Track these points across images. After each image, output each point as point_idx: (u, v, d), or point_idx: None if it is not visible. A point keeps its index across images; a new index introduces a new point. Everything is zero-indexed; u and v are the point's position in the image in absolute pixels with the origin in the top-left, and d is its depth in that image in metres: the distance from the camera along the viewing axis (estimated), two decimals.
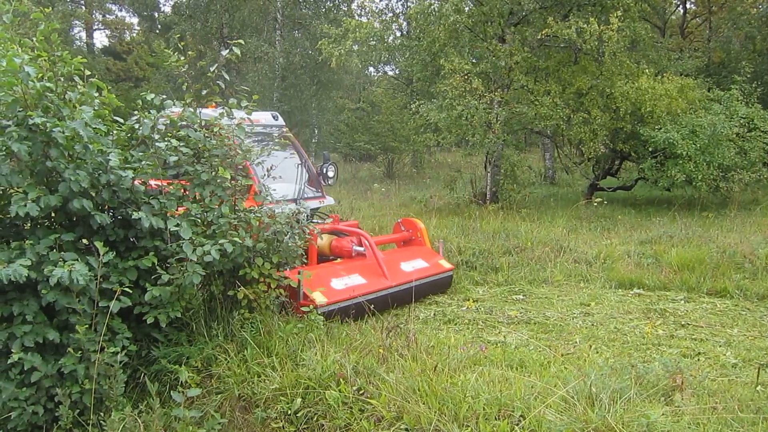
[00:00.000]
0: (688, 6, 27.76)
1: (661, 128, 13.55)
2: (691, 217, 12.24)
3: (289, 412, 4.19)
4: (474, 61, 14.56)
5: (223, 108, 5.26)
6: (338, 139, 27.80)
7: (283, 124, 8.62)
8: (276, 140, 8.17)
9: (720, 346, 5.71)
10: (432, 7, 14.60)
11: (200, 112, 6.55)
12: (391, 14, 19.22)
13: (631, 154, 15.62)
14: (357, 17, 20.66)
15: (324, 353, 4.61)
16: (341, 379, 4.24)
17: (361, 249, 7.41)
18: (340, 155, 29.39)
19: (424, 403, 3.93)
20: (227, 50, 5.15)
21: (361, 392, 4.14)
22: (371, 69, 21.46)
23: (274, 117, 8.49)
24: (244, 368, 4.64)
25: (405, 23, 18.14)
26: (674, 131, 13.31)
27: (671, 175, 13.39)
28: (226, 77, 5.03)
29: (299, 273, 5.96)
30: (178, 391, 4.08)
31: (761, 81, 18.12)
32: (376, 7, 19.45)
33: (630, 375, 4.36)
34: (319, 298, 6.14)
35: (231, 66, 25.06)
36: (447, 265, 8.03)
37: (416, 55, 15.84)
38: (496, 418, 3.82)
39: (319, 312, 5.62)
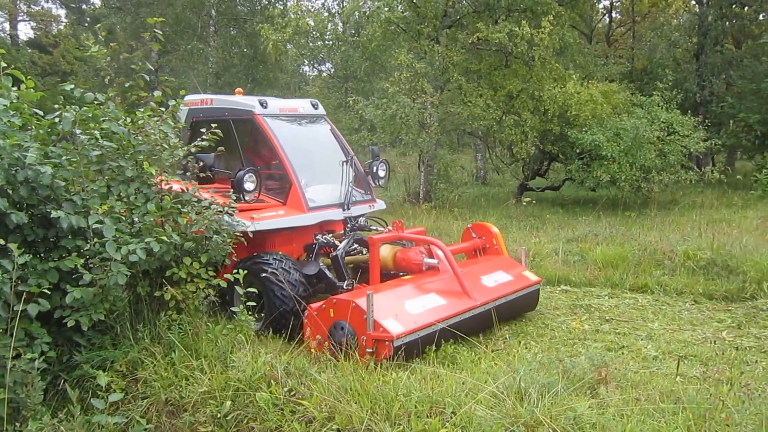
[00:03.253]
0: (613, 15, 28.93)
1: (587, 131, 14.06)
2: (614, 217, 12.75)
3: (219, 415, 4.08)
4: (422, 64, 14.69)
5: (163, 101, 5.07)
6: None
7: (324, 113, 7.53)
8: (316, 131, 7.33)
9: (642, 339, 5.95)
10: (365, 5, 14.68)
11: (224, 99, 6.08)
12: (327, 13, 19.09)
13: (559, 155, 16.15)
14: (293, 15, 20.45)
15: (254, 354, 4.51)
16: (272, 381, 4.17)
17: (433, 261, 6.24)
18: None
19: (356, 403, 3.91)
20: (151, 40, 4.96)
21: (292, 393, 4.09)
22: (306, 68, 21.25)
23: (313, 105, 7.43)
24: (171, 371, 4.48)
25: (340, 23, 18.10)
26: (600, 134, 13.83)
27: (597, 175, 13.91)
28: (151, 68, 4.85)
29: (368, 295, 4.94)
30: (100, 397, 3.90)
31: (681, 88, 19.09)
32: (312, 7, 19.29)
33: (558, 369, 4.48)
34: (393, 326, 4.98)
35: (163, 62, 24.30)
36: (533, 277, 6.75)
37: (355, 50, 15.86)
38: (427, 416, 3.84)
39: (396, 345, 4.86)
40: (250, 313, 5.13)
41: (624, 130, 13.83)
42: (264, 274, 5.76)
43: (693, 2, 23.42)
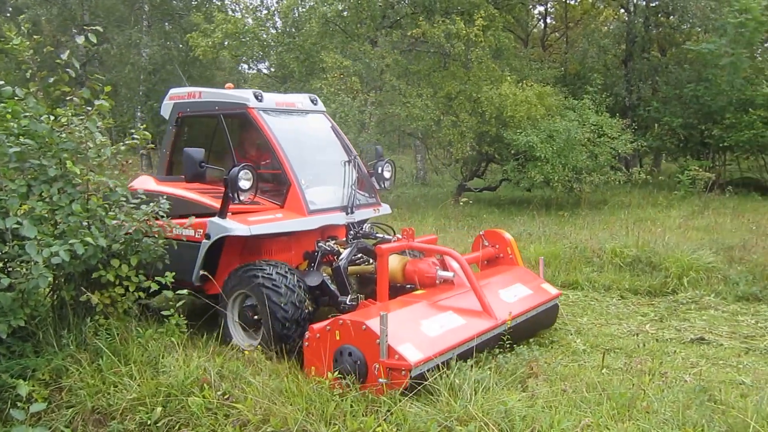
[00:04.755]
0: (548, 21, 29.83)
1: (522, 132, 14.42)
2: (548, 216, 13.12)
3: (149, 422, 3.98)
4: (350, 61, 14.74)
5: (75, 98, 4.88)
6: None
7: (324, 109, 7.00)
8: (316, 128, 6.73)
9: (571, 334, 6.13)
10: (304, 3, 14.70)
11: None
12: (265, 11, 18.89)
13: (495, 156, 16.50)
14: (231, 12, 20.15)
15: (187, 358, 4.42)
16: (205, 384, 4.11)
17: (448, 274, 5.59)
18: None
19: (291, 404, 3.90)
20: (81, 36, 4.77)
21: (226, 396, 4.03)
22: (245, 66, 20.93)
23: (312, 101, 6.82)
24: (98, 378, 4.34)
25: (279, 21, 17.95)
26: (534, 135, 14.22)
27: (531, 176, 14.29)
28: (77, 65, 4.67)
29: (382, 316, 4.15)
30: (20, 408, 3.73)
31: (610, 92, 19.84)
32: (251, 3, 19.05)
33: (490, 365, 4.58)
34: (411, 353, 4.24)
35: (93, 57, 23.44)
36: (553, 290, 6.14)
37: (291, 51, 15.79)
38: (363, 415, 3.87)
39: (414, 374, 4.14)
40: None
41: (556, 132, 14.26)
42: (263, 291, 5.06)
43: (622, 10, 24.37)
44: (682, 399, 3.87)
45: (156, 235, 5.01)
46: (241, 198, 5.29)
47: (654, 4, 21.84)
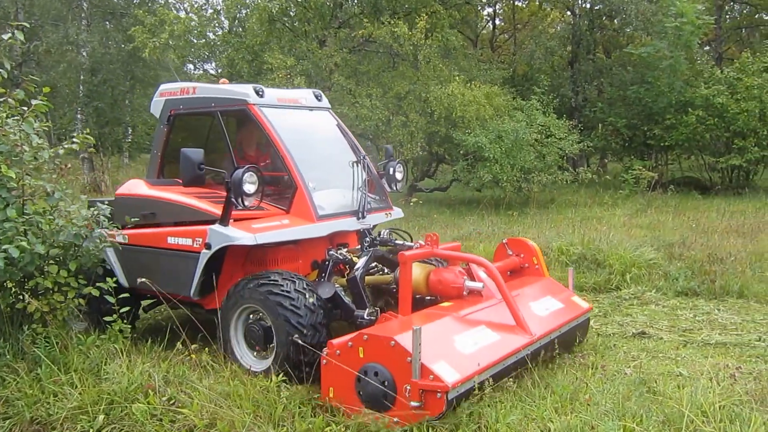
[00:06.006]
0: (497, 22, 30.33)
1: (470, 133, 14.63)
2: (497, 215, 13.35)
3: (91, 430, 3.88)
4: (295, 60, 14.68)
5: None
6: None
7: (329, 106, 6.53)
8: (321, 126, 6.27)
9: None
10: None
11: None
12: (211, 10, 18.62)
13: (446, 156, 16.69)
14: (175, 11, 19.79)
15: (131, 364, 4.33)
16: (150, 390, 4.03)
17: (477, 285, 5.08)
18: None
19: (238, 408, 3.86)
20: (8, 33, 4.61)
21: (171, 402, 3.97)
22: (190, 66, 20.51)
23: (317, 97, 6.31)
24: (37, 388, 4.21)
25: (225, 21, 17.72)
26: (483, 136, 14.43)
27: (481, 176, 14.51)
28: (7, 66, 4.50)
29: (415, 330, 3.68)
30: None
31: (557, 93, 20.31)
32: (195, 2, 18.72)
33: None
34: (447, 373, 3.79)
35: (29, 57, 22.59)
36: (584, 304, 5.67)
37: (239, 51, 15.63)
38: (312, 416, 3.87)
39: (450, 397, 3.72)
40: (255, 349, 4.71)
41: (505, 133, 14.51)
42: (273, 298, 4.60)
43: (568, 13, 24.98)
44: (622, 391, 4.01)
45: (98, 240, 4.87)
46: (246, 203, 4.79)
47: (598, 8, 22.46)
